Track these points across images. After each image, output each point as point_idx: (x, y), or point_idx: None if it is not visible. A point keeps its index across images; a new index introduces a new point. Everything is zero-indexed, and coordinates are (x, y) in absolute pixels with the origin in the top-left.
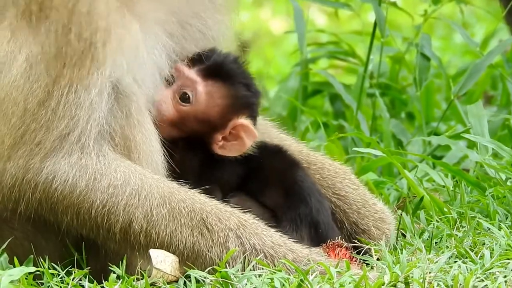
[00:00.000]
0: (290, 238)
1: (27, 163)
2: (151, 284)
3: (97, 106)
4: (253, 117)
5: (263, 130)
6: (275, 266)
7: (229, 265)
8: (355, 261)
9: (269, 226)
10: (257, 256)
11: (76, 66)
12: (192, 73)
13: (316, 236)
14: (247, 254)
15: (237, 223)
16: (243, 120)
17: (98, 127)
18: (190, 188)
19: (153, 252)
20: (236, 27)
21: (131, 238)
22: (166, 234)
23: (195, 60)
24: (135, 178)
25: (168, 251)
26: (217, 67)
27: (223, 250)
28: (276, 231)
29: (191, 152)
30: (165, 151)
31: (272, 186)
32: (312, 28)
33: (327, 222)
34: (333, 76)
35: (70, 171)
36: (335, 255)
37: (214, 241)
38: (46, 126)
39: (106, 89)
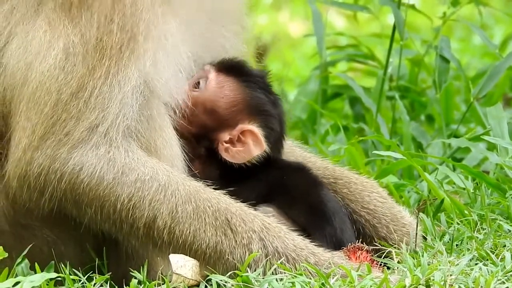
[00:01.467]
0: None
1: (54, 152)
2: None
3: (129, 100)
4: (267, 128)
5: (287, 149)
6: (297, 270)
7: (251, 268)
8: (376, 264)
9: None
10: (279, 259)
11: (113, 57)
12: (209, 66)
13: None
14: (269, 257)
15: (260, 225)
16: (253, 127)
17: (127, 122)
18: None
19: (173, 258)
20: (255, 31)
21: (154, 234)
22: (189, 232)
23: (218, 61)
24: (162, 174)
25: (191, 250)
26: (235, 65)
27: (245, 252)
28: (298, 235)
29: (211, 165)
30: (186, 156)
31: (297, 204)
32: (331, 31)
33: (350, 240)
34: (352, 79)
35: (98, 164)
36: (356, 258)
37: (237, 242)
38: (77, 116)
39: (139, 86)
